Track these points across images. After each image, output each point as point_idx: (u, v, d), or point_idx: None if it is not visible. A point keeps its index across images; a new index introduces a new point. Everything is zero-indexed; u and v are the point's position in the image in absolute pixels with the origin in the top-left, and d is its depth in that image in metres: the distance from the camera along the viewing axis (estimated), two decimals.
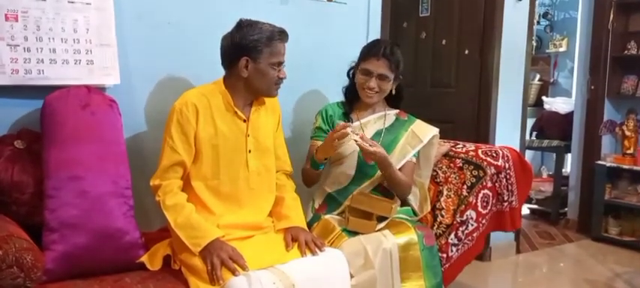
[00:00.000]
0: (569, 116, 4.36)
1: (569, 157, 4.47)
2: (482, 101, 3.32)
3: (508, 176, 2.27)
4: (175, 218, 1.67)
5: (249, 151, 1.85)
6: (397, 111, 2.22)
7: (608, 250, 3.70)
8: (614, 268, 3.36)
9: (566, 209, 4.31)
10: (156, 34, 2.10)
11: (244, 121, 1.85)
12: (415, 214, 2.16)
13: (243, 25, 1.80)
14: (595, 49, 3.97)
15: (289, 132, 2.27)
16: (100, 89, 1.93)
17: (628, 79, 3.95)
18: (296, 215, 1.90)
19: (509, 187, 2.28)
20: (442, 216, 2.19)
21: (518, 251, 3.56)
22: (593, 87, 3.97)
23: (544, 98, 4.85)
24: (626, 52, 3.91)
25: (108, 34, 1.94)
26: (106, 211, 1.68)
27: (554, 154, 4.54)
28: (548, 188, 4.48)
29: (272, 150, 1.95)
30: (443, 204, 2.22)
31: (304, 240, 1.76)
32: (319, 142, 2.05)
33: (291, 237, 1.78)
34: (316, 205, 2.14)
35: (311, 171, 2.04)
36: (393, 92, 2.16)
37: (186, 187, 1.80)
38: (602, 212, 3.84)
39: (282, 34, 1.82)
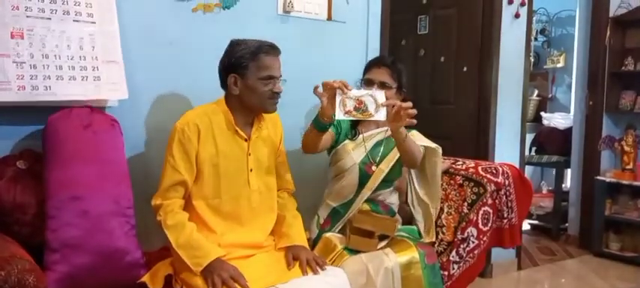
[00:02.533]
0: (568, 132, 4.38)
1: (568, 172, 4.47)
2: (481, 118, 3.33)
3: (508, 193, 2.28)
4: (177, 238, 1.68)
5: (251, 170, 1.86)
6: None
7: (609, 266, 3.69)
8: (617, 283, 3.35)
9: (566, 225, 4.31)
10: (157, 54, 2.12)
11: (245, 140, 1.86)
12: (420, 235, 2.15)
13: (232, 44, 1.82)
14: (593, 65, 4.00)
15: (291, 149, 2.27)
16: (102, 109, 1.94)
17: (626, 94, 3.97)
18: (297, 234, 1.90)
19: (509, 203, 2.29)
20: (443, 233, 2.20)
21: (519, 267, 3.55)
22: (591, 102, 3.99)
23: (543, 114, 4.88)
24: (623, 67, 3.94)
25: (114, 50, 1.95)
26: (107, 231, 1.68)
27: (554, 170, 4.54)
28: (548, 204, 4.49)
29: (273, 169, 1.96)
30: (444, 221, 2.22)
31: (305, 259, 1.76)
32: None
33: (292, 256, 1.78)
34: (321, 221, 2.14)
35: (313, 132, 1.91)
36: None
37: (188, 206, 1.80)
38: (603, 228, 3.84)
39: (269, 48, 1.80)
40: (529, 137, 4.35)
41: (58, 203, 1.66)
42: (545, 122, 4.71)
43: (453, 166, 2.36)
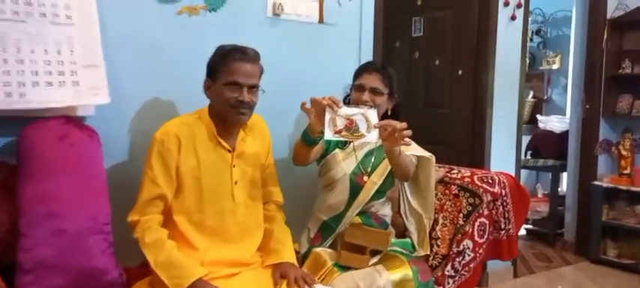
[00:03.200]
0: (564, 135, 4.31)
1: (564, 176, 4.41)
2: (476, 122, 3.26)
3: (505, 203, 2.20)
4: (155, 257, 1.58)
5: (235, 183, 1.77)
6: None
7: (607, 273, 3.63)
8: None
9: (562, 230, 4.24)
10: (141, 59, 2.02)
11: (229, 151, 1.77)
12: (414, 248, 2.07)
13: (216, 49, 1.75)
14: (589, 68, 3.94)
15: (280, 157, 2.18)
16: (82, 118, 1.85)
17: (623, 98, 3.91)
18: (285, 250, 1.82)
19: (506, 214, 2.21)
20: (438, 246, 2.12)
21: (515, 275, 3.48)
22: (588, 106, 3.93)
23: (539, 117, 4.81)
24: (620, 70, 3.88)
25: (94, 54, 1.84)
26: (84, 250, 1.59)
27: (550, 174, 4.48)
28: (544, 208, 4.43)
29: (260, 181, 1.87)
30: (438, 233, 2.14)
31: (293, 277, 1.68)
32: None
33: (280, 274, 1.70)
34: (311, 235, 2.05)
35: (303, 146, 1.84)
36: (389, 112, 2.09)
37: (168, 222, 1.71)
38: (600, 234, 3.78)
39: (240, 53, 1.69)
40: (524, 140, 4.29)
41: (32, 220, 1.56)
42: (541, 125, 4.65)
43: (448, 174, 2.28)
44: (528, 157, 4.57)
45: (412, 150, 2.00)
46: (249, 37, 1.85)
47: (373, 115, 1.72)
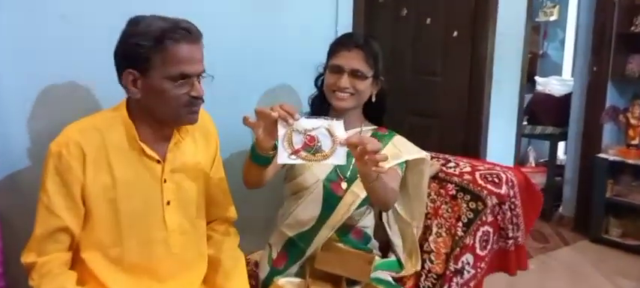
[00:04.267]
0: (565, 99, 3.91)
1: (563, 145, 4.05)
2: (473, 91, 2.82)
3: (513, 206, 1.79)
4: None
5: (168, 203, 1.33)
6: (376, 127, 1.71)
7: (608, 255, 3.32)
8: (617, 279, 2.97)
9: (559, 204, 3.90)
10: (42, 33, 1.51)
11: (158, 161, 1.31)
12: (400, 265, 1.67)
13: (129, 24, 1.24)
14: (598, 25, 3.50)
15: (232, 156, 1.74)
16: None
17: (633, 59, 3.49)
18: (236, 283, 1.41)
19: (514, 219, 1.80)
20: (431, 262, 1.72)
21: None
22: (595, 68, 3.50)
23: (537, 78, 4.38)
24: (632, 28, 3.43)
25: None
26: None
27: (548, 142, 4.10)
28: (539, 180, 4.06)
29: (204, 197, 1.42)
30: (432, 245, 1.74)
31: None
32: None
33: None
34: (274, 255, 1.63)
35: (253, 166, 1.42)
36: (373, 99, 1.65)
37: (76, 261, 1.28)
38: (602, 211, 3.45)
39: (182, 31, 1.23)
40: None
41: None
42: (539, 88, 4.23)
43: (444, 169, 1.85)
44: (524, 122, 4.16)
45: (400, 154, 1.57)
46: (194, 4, 1.35)
47: (339, 129, 1.28)
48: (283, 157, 1.24)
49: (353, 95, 1.59)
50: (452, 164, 1.88)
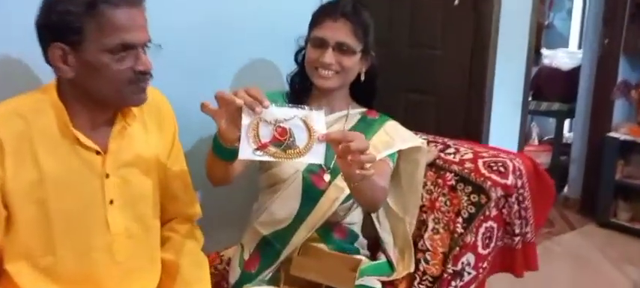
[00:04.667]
0: (573, 73, 3.67)
1: (569, 122, 3.82)
2: (476, 66, 2.56)
3: (521, 199, 1.58)
4: None
5: (111, 202, 1.11)
6: (365, 109, 1.48)
7: (617, 240, 3.12)
8: (625, 267, 2.77)
9: (565, 184, 3.69)
10: None
11: (98, 152, 1.09)
12: (392, 268, 1.46)
13: None
14: None
15: (203, 140, 1.51)
16: None
17: None
18: None
19: (522, 213, 1.59)
20: (426, 262, 1.51)
21: None
22: (607, 40, 3.26)
23: (543, 51, 4.11)
24: None
25: None
26: None
27: (553, 119, 3.87)
28: (543, 159, 3.84)
29: (157, 192, 1.20)
30: (427, 243, 1.53)
31: None
32: None
33: None
34: (245, 256, 1.42)
35: (217, 161, 1.20)
36: (362, 77, 1.42)
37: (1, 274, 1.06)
38: (611, 193, 3.25)
39: None
40: None
41: None
42: (545, 61, 3.96)
43: (442, 155, 1.63)
44: (529, 99, 3.93)
45: (392, 142, 1.35)
46: None
47: (318, 121, 1.05)
48: (246, 152, 1.02)
49: (338, 73, 1.36)
50: (451, 150, 1.66)
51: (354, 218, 1.45)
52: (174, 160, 1.26)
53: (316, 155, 1.03)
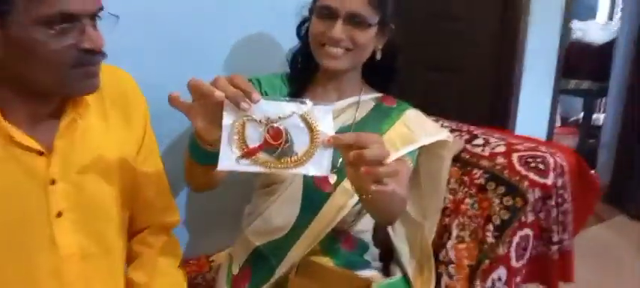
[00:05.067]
0: (605, 48, 3.37)
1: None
2: (505, 40, 2.30)
3: (560, 201, 1.34)
4: None
5: (59, 215, 0.88)
6: (380, 95, 1.24)
7: None
8: None
9: (593, 171, 3.43)
10: None
11: (40, 153, 0.85)
12: (408, 284, 1.23)
13: None
14: None
15: (185, 134, 1.29)
16: None
17: None
18: None
19: (561, 217, 1.35)
20: (450, 277, 1.28)
21: None
22: None
23: (574, 24, 3.80)
24: None
25: None
26: None
27: (581, 99, 3.60)
28: (569, 142, 3.58)
29: (121, 200, 0.97)
30: (451, 254, 1.30)
31: None
32: None
33: None
34: (234, 270, 1.20)
35: (195, 165, 0.97)
36: (378, 56, 1.17)
37: None
38: None
39: None
40: None
41: None
42: (577, 35, 3.65)
43: (469, 147, 1.39)
44: None
45: (413, 137, 1.11)
46: None
47: (324, 118, 0.81)
48: (227, 162, 0.78)
49: (350, 51, 1.11)
50: (480, 141, 1.41)
51: (365, 226, 1.22)
52: (146, 159, 1.02)
53: (320, 165, 0.80)
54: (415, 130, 1.15)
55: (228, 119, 0.78)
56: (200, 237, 1.48)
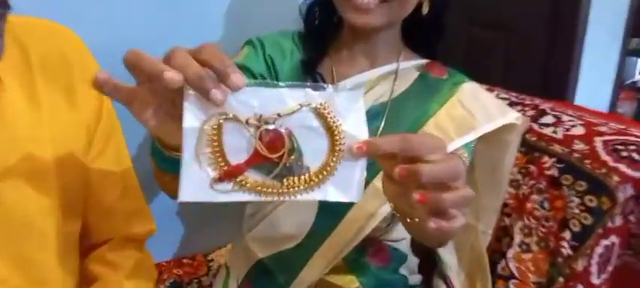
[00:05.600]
0: None
1: None
2: None
3: None
4: None
5: None
6: (426, 62, 0.92)
7: None
8: None
9: None
10: None
11: None
12: None
13: None
14: None
15: None
16: None
17: None
18: None
19: None
20: None
21: None
22: None
23: None
24: None
25: None
26: None
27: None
28: (625, 109, 3.20)
29: (60, 215, 0.70)
30: (512, 266, 1.02)
31: None
32: None
33: None
34: (232, 287, 0.93)
35: (159, 173, 0.72)
36: (424, 10, 0.86)
37: None
38: None
39: None
40: None
41: None
42: None
43: (535, 127, 1.09)
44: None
45: (472, 123, 0.81)
46: None
47: (352, 110, 0.50)
48: (193, 189, 0.48)
49: (386, 1, 0.79)
50: (549, 119, 1.10)
51: (400, 233, 0.93)
52: (103, 150, 0.75)
53: (347, 184, 0.50)
54: (475, 113, 0.84)
55: (191, 120, 0.47)
56: (196, 232, 1.23)
